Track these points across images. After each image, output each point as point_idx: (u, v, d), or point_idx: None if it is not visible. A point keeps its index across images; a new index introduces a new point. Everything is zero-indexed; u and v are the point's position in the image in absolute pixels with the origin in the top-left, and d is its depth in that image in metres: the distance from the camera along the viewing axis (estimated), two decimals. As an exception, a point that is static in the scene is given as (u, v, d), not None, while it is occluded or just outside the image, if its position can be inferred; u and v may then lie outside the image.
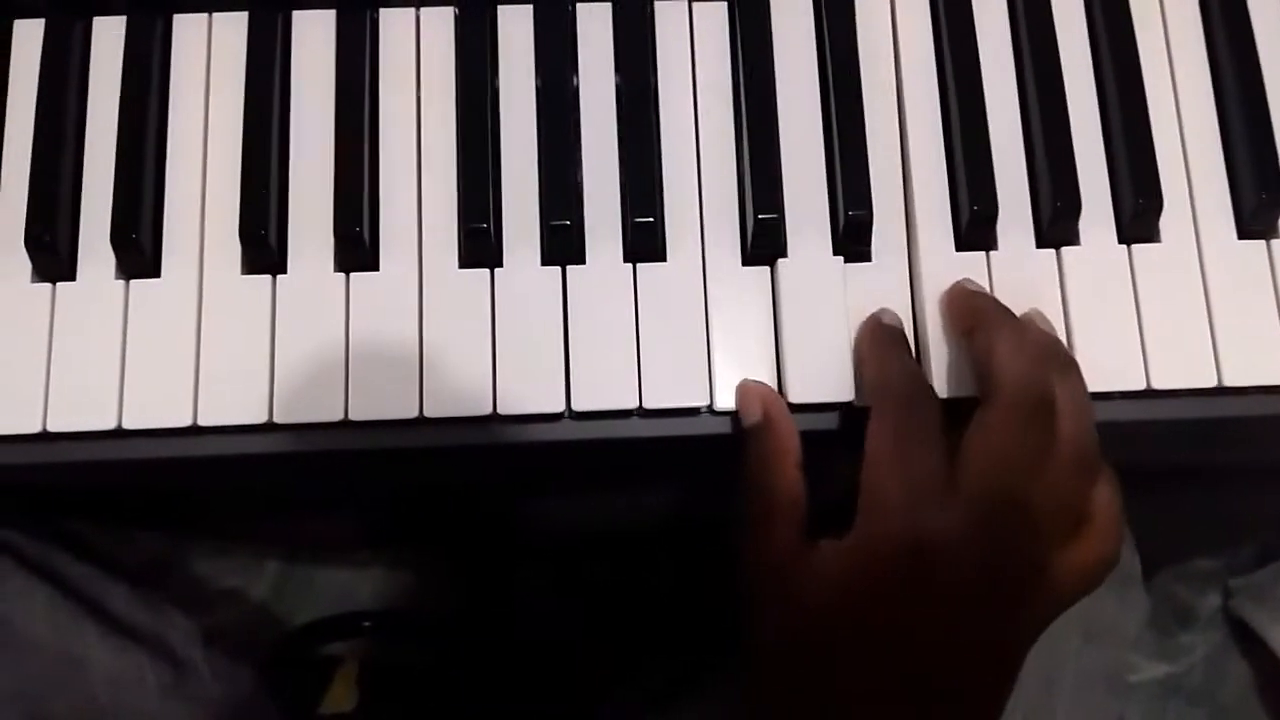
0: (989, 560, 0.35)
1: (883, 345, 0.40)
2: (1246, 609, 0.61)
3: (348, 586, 0.64)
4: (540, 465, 0.47)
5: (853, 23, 0.43)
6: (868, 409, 0.38)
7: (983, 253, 0.42)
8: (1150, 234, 0.42)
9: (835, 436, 0.41)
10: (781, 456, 0.39)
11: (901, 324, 0.41)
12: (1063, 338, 0.41)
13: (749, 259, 0.42)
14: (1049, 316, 0.41)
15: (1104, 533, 0.37)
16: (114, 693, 0.51)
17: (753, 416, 0.40)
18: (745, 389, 0.40)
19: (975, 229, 0.41)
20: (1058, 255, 0.42)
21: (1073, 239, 0.42)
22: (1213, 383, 0.40)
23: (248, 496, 0.58)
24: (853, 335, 0.41)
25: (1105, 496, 0.38)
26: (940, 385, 0.40)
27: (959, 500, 0.35)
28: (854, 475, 0.37)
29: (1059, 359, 0.38)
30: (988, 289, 0.41)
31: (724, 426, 0.41)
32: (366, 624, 0.63)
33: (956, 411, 0.38)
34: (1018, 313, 0.40)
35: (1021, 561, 0.36)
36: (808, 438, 0.40)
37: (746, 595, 0.38)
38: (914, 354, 0.41)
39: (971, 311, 0.40)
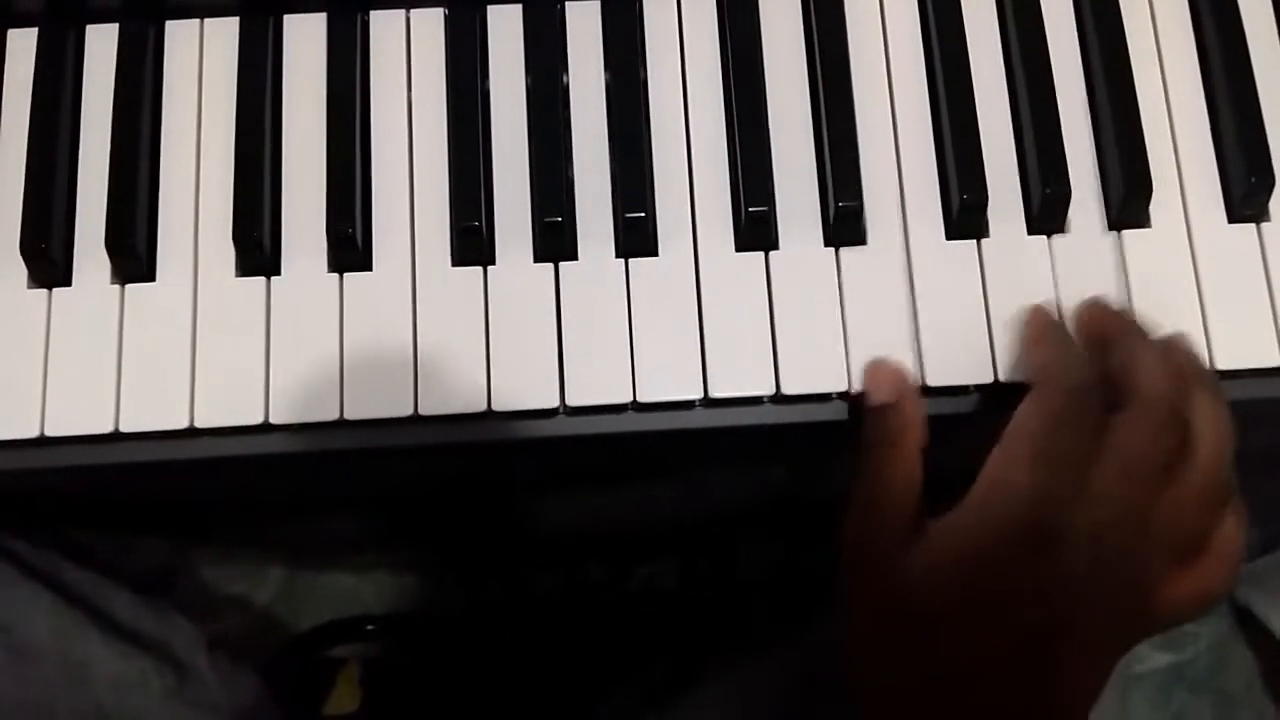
0: (1103, 565, 0.35)
1: (1063, 333, 0.39)
2: (1251, 597, 0.60)
3: (352, 590, 0.65)
4: (536, 462, 0.47)
5: (841, 13, 0.44)
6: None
7: (974, 241, 0.42)
8: (1140, 220, 0.42)
9: (830, 427, 0.41)
10: (905, 439, 0.38)
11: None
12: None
13: (741, 248, 0.42)
14: (1041, 304, 0.41)
15: (1220, 567, 0.37)
16: (118, 698, 0.51)
17: (881, 395, 0.39)
18: (876, 366, 0.40)
19: (965, 218, 0.41)
20: (1048, 242, 0.42)
21: (1062, 226, 0.42)
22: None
23: (250, 501, 0.58)
24: (844, 325, 0.41)
25: (1230, 532, 0.37)
26: (937, 375, 0.40)
27: (1087, 500, 0.35)
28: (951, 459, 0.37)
29: (1205, 382, 0.38)
30: (979, 277, 0.41)
31: (718, 419, 0.41)
32: (370, 627, 0.63)
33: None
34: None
35: (1133, 574, 0.35)
36: (807, 429, 0.40)
37: (849, 573, 0.38)
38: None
39: (1113, 326, 0.39)
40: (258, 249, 0.41)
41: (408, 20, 0.44)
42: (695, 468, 0.52)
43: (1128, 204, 0.41)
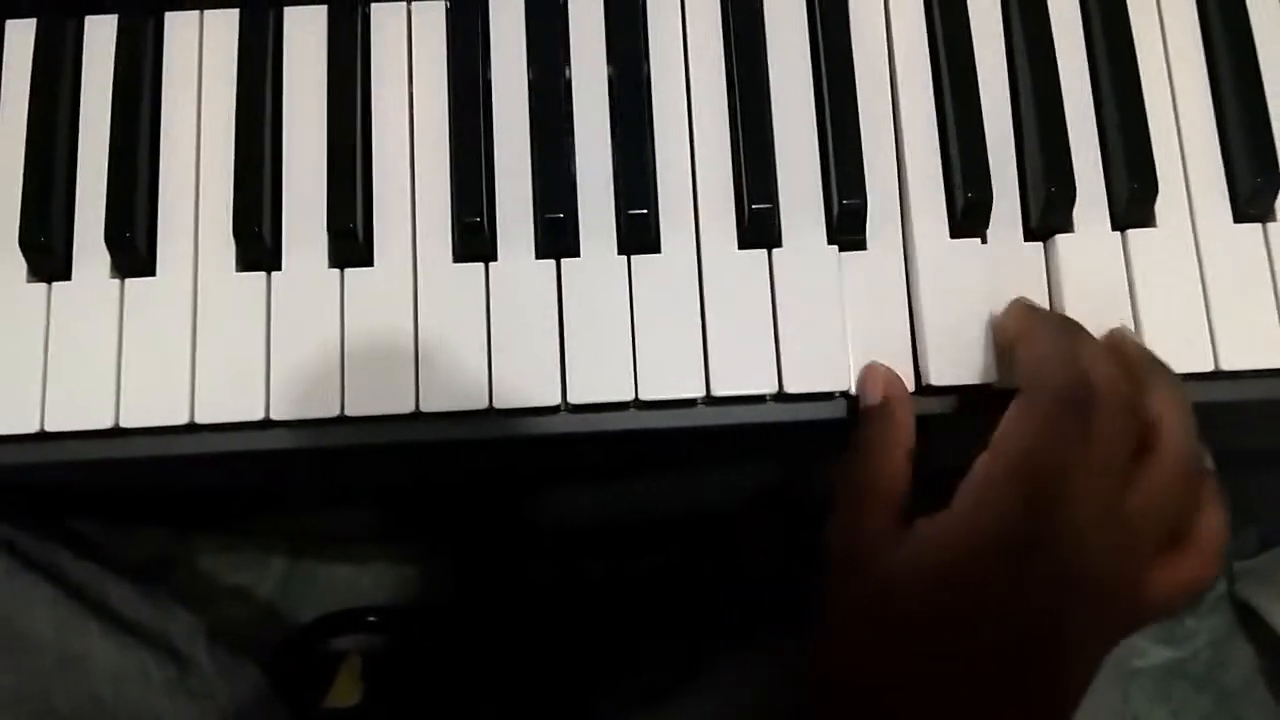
0: (1086, 564, 0.34)
1: (1051, 330, 0.38)
2: (1251, 593, 0.60)
3: (353, 581, 0.64)
4: (538, 459, 0.47)
5: (846, 9, 0.43)
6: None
7: (977, 240, 0.42)
8: (1145, 219, 0.42)
9: (832, 425, 0.41)
10: (895, 443, 0.38)
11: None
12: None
13: (745, 245, 0.42)
14: (1043, 305, 0.41)
15: (1203, 555, 0.37)
16: (117, 690, 0.51)
17: (873, 398, 0.39)
18: (871, 370, 0.40)
19: (969, 216, 0.41)
20: (1052, 242, 0.41)
21: (1067, 225, 0.42)
22: (1210, 367, 0.40)
23: (251, 493, 0.58)
24: (846, 323, 0.41)
25: (1212, 519, 0.37)
26: (939, 375, 0.40)
27: (1067, 503, 0.34)
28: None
29: (1159, 368, 0.38)
30: (981, 276, 0.41)
31: (720, 417, 0.41)
32: (372, 619, 0.63)
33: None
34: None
35: (1116, 569, 0.35)
36: (809, 428, 0.40)
37: (835, 569, 0.38)
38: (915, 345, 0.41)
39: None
40: (258, 243, 0.41)
41: (409, 13, 0.44)
42: (697, 464, 0.52)
43: (1132, 203, 0.41)
